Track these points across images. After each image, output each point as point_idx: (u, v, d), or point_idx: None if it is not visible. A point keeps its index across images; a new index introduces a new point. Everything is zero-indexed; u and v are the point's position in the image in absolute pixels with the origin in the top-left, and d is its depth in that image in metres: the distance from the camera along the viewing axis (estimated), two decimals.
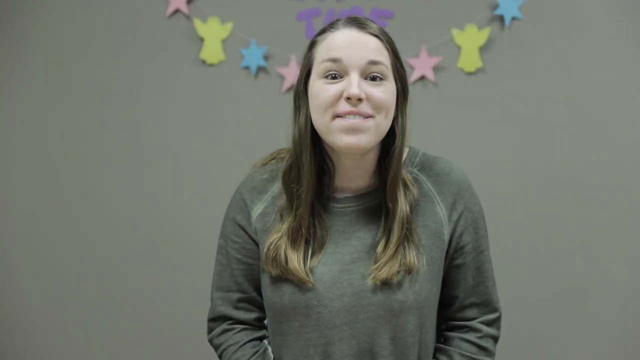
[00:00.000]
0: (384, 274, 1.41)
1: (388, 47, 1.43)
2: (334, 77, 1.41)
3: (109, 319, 2.84)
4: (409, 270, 1.43)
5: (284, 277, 1.46)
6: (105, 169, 2.83)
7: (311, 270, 1.45)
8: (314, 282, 1.44)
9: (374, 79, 1.41)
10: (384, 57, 1.42)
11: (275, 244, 1.47)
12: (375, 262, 1.43)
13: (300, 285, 1.45)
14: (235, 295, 1.56)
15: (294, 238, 1.46)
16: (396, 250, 1.42)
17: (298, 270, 1.44)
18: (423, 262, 1.45)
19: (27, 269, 2.86)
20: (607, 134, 2.68)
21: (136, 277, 2.83)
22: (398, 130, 1.44)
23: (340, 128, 1.39)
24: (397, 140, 1.44)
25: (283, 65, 2.75)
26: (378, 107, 1.40)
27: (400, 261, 1.42)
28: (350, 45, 1.40)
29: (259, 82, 2.77)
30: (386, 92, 1.41)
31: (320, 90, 1.41)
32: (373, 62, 1.40)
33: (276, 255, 1.46)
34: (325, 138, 1.43)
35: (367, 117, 1.40)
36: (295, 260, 1.44)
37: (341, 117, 1.39)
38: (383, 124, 1.42)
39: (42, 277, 2.86)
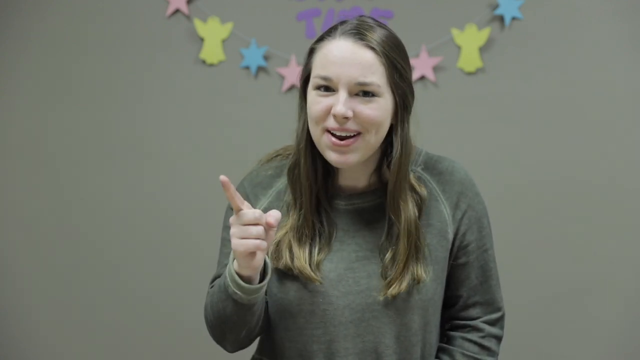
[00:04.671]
0: (394, 290, 1.42)
1: (384, 62, 1.39)
2: (327, 90, 1.40)
3: (109, 318, 2.84)
4: (417, 281, 1.44)
5: (290, 273, 1.46)
6: (105, 168, 2.83)
7: (317, 266, 1.45)
8: (321, 281, 1.45)
9: (365, 93, 1.39)
10: (376, 75, 1.38)
11: (280, 240, 1.47)
12: (384, 274, 1.44)
13: (306, 282, 1.45)
14: None
15: (299, 237, 1.47)
16: (405, 265, 1.42)
17: (305, 268, 1.44)
18: (430, 270, 1.45)
19: (27, 269, 2.86)
20: (607, 133, 2.68)
21: (136, 276, 2.83)
22: (396, 142, 1.43)
23: (329, 145, 1.40)
24: (394, 152, 1.43)
25: (283, 65, 2.75)
26: (366, 124, 1.39)
27: (410, 276, 1.43)
28: (342, 61, 1.38)
29: (259, 82, 2.77)
30: (376, 109, 1.39)
31: (313, 102, 1.41)
32: (362, 84, 1.38)
33: (282, 251, 1.46)
34: (318, 147, 1.44)
35: (355, 135, 1.39)
36: (302, 258, 1.45)
37: (330, 132, 1.40)
38: (373, 140, 1.41)
39: (42, 277, 2.86)
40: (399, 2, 2.72)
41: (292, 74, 2.71)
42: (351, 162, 1.41)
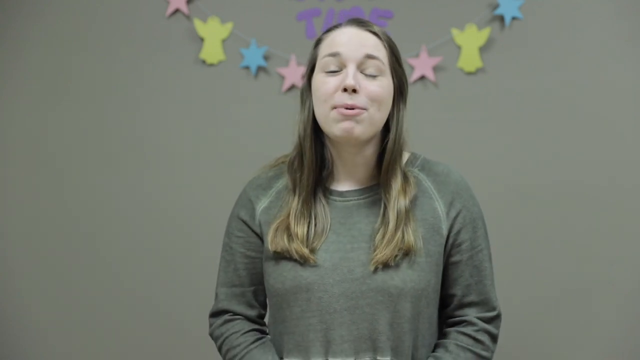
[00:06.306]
0: (383, 256, 1.46)
1: (386, 46, 1.52)
2: (334, 71, 1.49)
3: (109, 318, 2.84)
4: (406, 251, 1.47)
5: (287, 258, 1.51)
6: (105, 168, 2.83)
7: (313, 251, 1.50)
8: (316, 261, 1.49)
9: (370, 74, 1.49)
10: (381, 53, 1.51)
11: (279, 224, 1.53)
12: (375, 250, 1.48)
13: (302, 265, 1.50)
14: (239, 290, 1.60)
15: (298, 220, 1.52)
16: (394, 235, 1.47)
17: (301, 247, 1.49)
18: (420, 244, 1.49)
19: (27, 269, 2.86)
20: (607, 133, 2.68)
21: (136, 277, 2.83)
22: (393, 124, 1.53)
23: (337, 117, 1.48)
24: (391, 133, 1.52)
25: (283, 65, 2.75)
26: (372, 99, 1.48)
27: (399, 241, 1.47)
28: (350, 40, 1.50)
29: (259, 82, 2.77)
30: (381, 86, 1.50)
31: (321, 82, 1.50)
32: (370, 56, 1.49)
33: (280, 235, 1.52)
34: (324, 128, 1.51)
35: (361, 109, 1.47)
36: (299, 235, 1.50)
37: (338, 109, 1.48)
38: (377, 116, 1.50)
39: (42, 277, 2.86)
40: (399, 2, 2.72)
41: (292, 74, 2.71)
42: (357, 134, 1.48)
